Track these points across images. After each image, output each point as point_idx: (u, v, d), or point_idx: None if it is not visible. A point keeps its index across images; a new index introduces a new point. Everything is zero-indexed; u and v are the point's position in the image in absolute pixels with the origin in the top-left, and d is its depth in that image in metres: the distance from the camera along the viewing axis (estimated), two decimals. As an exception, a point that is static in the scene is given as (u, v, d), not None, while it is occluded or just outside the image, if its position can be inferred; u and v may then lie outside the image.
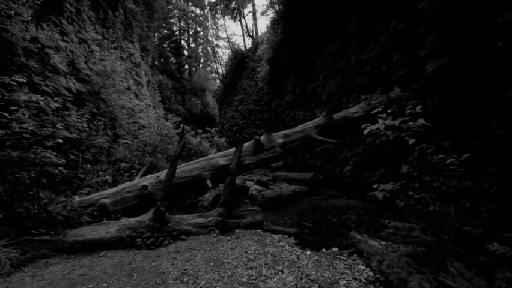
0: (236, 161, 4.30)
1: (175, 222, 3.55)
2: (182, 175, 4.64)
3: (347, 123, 5.49)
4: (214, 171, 4.77)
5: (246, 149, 5.03)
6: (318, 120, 5.70)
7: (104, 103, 9.48)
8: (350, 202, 6.86)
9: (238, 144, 4.56)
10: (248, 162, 4.90)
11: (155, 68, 36.22)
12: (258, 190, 8.65)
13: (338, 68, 9.47)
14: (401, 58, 5.76)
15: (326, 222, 4.99)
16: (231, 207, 4.11)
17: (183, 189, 4.54)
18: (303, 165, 11.30)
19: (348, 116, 5.53)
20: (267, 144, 5.20)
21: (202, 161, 4.96)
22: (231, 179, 4.14)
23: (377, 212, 5.59)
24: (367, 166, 6.72)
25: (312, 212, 5.86)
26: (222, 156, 5.04)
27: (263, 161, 5.06)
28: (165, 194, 3.65)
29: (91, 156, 6.92)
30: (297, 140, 5.31)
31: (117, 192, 4.22)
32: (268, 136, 5.29)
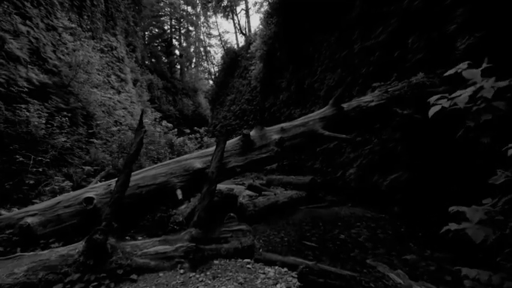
0: (216, 164, 3.25)
1: (124, 254, 2.45)
2: (143, 183, 3.43)
3: (360, 114, 4.49)
4: (187, 176, 3.62)
5: (231, 147, 3.99)
6: (324, 110, 4.69)
7: (76, 98, 8.34)
8: (356, 211, 5.89)
9: (219, 141, 3.49)
10: (234, 165, 3.82)
11: (144, 67, 35.07)
12: (250, 196, 7.62)
13: (338, 59, 8.55)
14: (418, 40, 4.84)
15: (332, 239, 4.00)
16: (210, 226, 3.07)
17: (144, 202, 3.40)
18: (300, 168, 10.32)
19: (361, 105, 4.53)
20: (258, 141, 4.15)
21: (171, 164, 3.80)
22: (208, 189, 3.09)
23: (391, 225, 4.63)
24: (376, 169, 5.77)
25: (313, 224, 4.86)
26: (198, 157, 3.91)
27: (254, 162, 3.99)
28: (113, 210, 2.57)
29: (50, 158, 5.80)
30: (298, 136, 4.28)
31: (49, 207, 3.06)
32: (261, 131, 4.24)
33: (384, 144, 5.47)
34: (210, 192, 3.09)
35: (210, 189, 3.10)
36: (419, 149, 4.40)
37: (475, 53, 3.58)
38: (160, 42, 42.78)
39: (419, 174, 4.44)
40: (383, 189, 5.43)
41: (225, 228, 3.12)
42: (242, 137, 3.98)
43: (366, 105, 4.41)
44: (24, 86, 6.54)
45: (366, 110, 4.41)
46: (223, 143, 3.42)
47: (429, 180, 4.24)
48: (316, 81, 10.18)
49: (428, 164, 4.23)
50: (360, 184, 6.31)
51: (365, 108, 4.42)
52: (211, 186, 3.12)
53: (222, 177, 3.74)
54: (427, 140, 4.17)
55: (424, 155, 4.30)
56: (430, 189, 4.23)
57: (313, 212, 6.03)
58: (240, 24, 34.17)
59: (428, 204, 4.29)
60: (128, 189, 2.91)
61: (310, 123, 4.37)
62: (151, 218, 3.69)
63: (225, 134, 3.57)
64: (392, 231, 4.36)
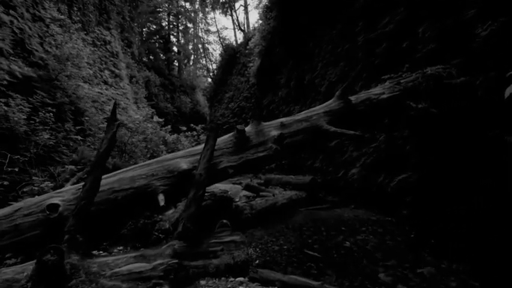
0: (205, 164, 2.83)
1: (88, 276, 1.99)
2: (119, 187, 2.96)
3: (370, 108, 4.08)
4: (171, 179, 3.15)
5: (223, 145, 3.57)
6: (330, 104, 4.28)
7: (63, 92, 7.90)
8: (360, 213, 5.50)
9: (208, 138, 3.07)
10: (226, 166, 3.37)
11: (142, 64, 34.66)
12: (247, 197, 7.24)
13: (339, 53, 8.15)
14: (430, 29, 4.43)
15: (336, 247, 3.61)
16: (197, 237, 2.67)
17: (121, 209, 2.93)
18: (299, 167, 9.94)
19: (371, 98, 4.12)
20: (255, 137, 3.72)
21: (152, 164, 3.33)
22: (195, 194, 2.68)
23: (400, 230, 4.25)
24: (381, 169, 5.38)
25: (314, 229, 4.48)
26: (185, 156, 3.45)
27: (249, 163, 3.55)
28: (78, 220, 2.15)
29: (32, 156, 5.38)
30: (300, 132, 3.86)
31: (6, 216, 2.56)
32: (257, 126, 3.81)
33: (391, 142, 5.07)
34: (197, 198, 2.68)
35: (197, 194, 2.69)
36: (432, 147, 4.01)
37: (499, 40, 3.19)
38: (158, 39, 42.21)
39: (431, 175, 4.06)
40: (389, 190, 5.05)
41: (215, 239, 2.72)
42: (236, 133, 3.56)
43: (377, 98, 4.00)
44: (4, 79, 6.11)
45: (376, 103, 4.00)
46: (213, 139, 3.01)
47: (443, 182, 3.85)
48: (316, 77, 9.78)
49: (442, 164, 3.84)
50: (364, 185, 5.92)
51: (375, 101, 4.01)
52: (199, 190, 2.71)
53: (212, 179, 3.34)
54: (443, 137, 3.78)
55: (438, 154, 3.91)
56: (444, 193, 3.85)
57: (314, 214, 5.64)
58: (238, 20, 33.59)
59: (441, 209, 3.91)
60: (102, 194, 2.51)
61: (314, 118, 3.95)
62: (133, 225, 3.29)
63: (215, 129, 3.14)
64: (402, 237, 3.98)
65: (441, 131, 3.75)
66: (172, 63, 43.21)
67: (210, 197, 3.95)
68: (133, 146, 7.21)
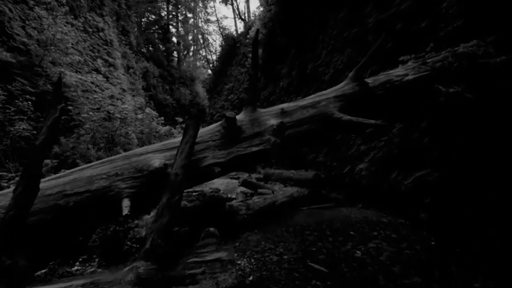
0: (183, 161, 2.23)
1: None
2: (72, 190, 2.34)
3: (391, 92, 3.44)
4: (141, 179, 2.54)
5: (207, 137, 2.96)
6: (341, 87, 3.65)
7: (47, 80, 7.30)
8: (368, 214, 4.97)
9: (187, 127, 2.45)
10: (211, 163, 2.74)
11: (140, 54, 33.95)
12: (245, 194, 6.71)
13: (346, 39, 7.49)
14: (456, 3, 3.80)
15: (346, 258, 3.07)
16: (171, 255, 2.11)
17: (73, 218, 2.34)
18: (301, 161, 9.38)
19: (393, 80, 3.47)
20: (248, 127, 3.11)
21: (117, 161, 2.69)
22: (169, 200, 2.08)
23: (416, 236, 3.71)
24: (394, 165, 4.82)
25: (318, 233, 3.94)
26: (159, 149, 2.81)
27: (241, 159, 2.96)
28: (6, 237, 1.62)
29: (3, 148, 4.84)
30: (305, 121, 3.22)
31: None
32: (252, 114, 3.17)
33: (407, 134, 4.49)
34: (171, 205, 2.12)
35: (172, 200, 2.13)
36: (462, 140, 3.41)
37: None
38: (157, 29, 41.31)
39: (457, 173, 3.49)
40: (403, 189, 4.49)
41: (195, 257, 2.15)
42: (224, 122, 2.95)
43: (400, 80, 3.37)
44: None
45: (399, 86, 3.37)
46: (193, 129, 2.42)
47: (474, 183, 3.29)
48: (320, 65, 9.13)
49: (473, 161, 3.27)
50: (373, 182, 5.37)
51: (397, 83, 3.38)
52: (174, 195, 2.14)
53: (193, 180, 2.78)
54: (478, 128, 3.17)
55: (470, 148, 3.32)
56: (474, 195, 3.29)
57: (318, 214, 5.12)
58: (239, 9, 32.64)
59: (469, 214, 3.36)
60: (48, 199, 1.98)
61: (323, 104, 3.32)
62: (102, 234, 2.75)
63: (196, 117, 2.55)
64: (420, 245, 3.44)
65: (477, 121, 3.14)
66: (171, 54, 42.40)
67: (198, 197, 3.41)
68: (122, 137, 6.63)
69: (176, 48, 42.56)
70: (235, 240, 3.63)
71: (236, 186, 7.33)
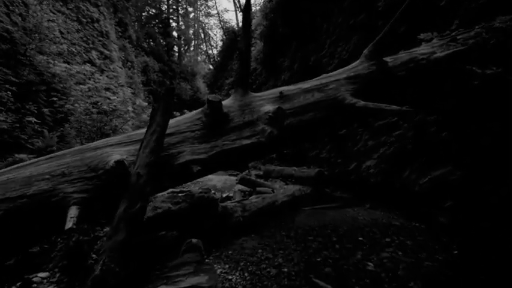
0: (148, 158, 1.70)
1: None
2: (3, 194, 1.84)
3: (415, 73, 2.93)
4: (94, 182, 2.01)
5: (184, 126, 2.48)
6: (355, 67, 3.12)
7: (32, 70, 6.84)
8: (377, 215, 4.52)
9: (154, 112, 1.97)
10: (189, 159, 2.21)
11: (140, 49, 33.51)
12: (243, 192, 6.27)
13: (353, 26, 6.97)
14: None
15: (356, 271, 2.62)
16: (133, 282, 1.65)
17: (6, 231, 1.80)
18: (303, 157, 8.92)
19: (417, 59, 2.95)
20: (238, 115, 2.59)
21: (66, 156, 2.18)
22: (127, 210, 1.58)
23: (435, 243, 3.25)
24: (406, 162, 4.34)
25: (323, 238, 3.49)
26: (121, 142, 2.30)
27: (226, 154, 2.42)
28: None
29: None
30: (309, 108, 2.67)
31: None
32: (242, 97, 2.64)
33: (420, 128, 4.01)
34: (130, 218, 1.63)
35: (131, 210, 1.63)
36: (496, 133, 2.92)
37: None
38: (157, 23, 40.73)
39: (483, 173, 3.01)
40: (417, 189, 4.03)
41: (164, 284, 1.68)
42: (206, 108, 2.44)
43: (427, 58, 2.85)
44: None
45: (426, 65, 2.85)
46: (162, 115, 1.91)
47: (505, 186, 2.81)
48: (324, 56, 8.62)
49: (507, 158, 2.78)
50: (383, 180, 4.90)
51: (423, 62, 2.85)
52: (134, 203, 1.65)
53: (165, 182, 2.28)
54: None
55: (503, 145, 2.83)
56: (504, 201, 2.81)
57: (322, 216, 4.66)
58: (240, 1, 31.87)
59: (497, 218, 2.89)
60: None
61: (332, 87, 2.78)
62: (63, 245, 2.30)
63: (165, 97, 2.02)
64: (442, 255, 2.97)
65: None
66: (172, 49, 41.88)
67: (184, 199, 2.97)
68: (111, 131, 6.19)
69: (177, 43, 42.01)
70: (228, 247, 3.19)
71: (234, 184, 6.89)
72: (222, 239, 3.34)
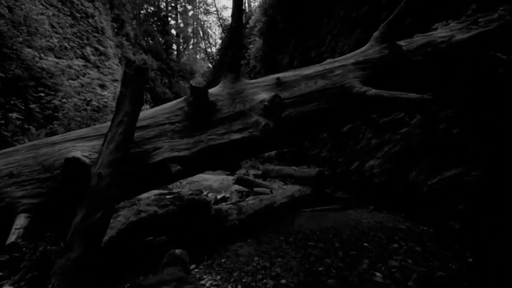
0: (113, 154, 1.34)
1: None
2: None
3: (433, 58, 2.61)
4: (50, 183, 1.70)
5: (163, 117, 2.14)
6: (364, 51, 2.82)
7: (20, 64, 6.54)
8: (382, 218, 4.25)
9: (121, 97, 1.63)
10: (166, 157, 1.89)
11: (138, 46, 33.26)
12: (240, 193, 6.00)
13: (355, 19, 6.69)
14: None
15: (362, 282, 2.35)
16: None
17: None
18: (302, 156, 8.65)
19: (435, 42, 2.63)
20: (227, 104, 2.27)
21: (19, 152, 1.87)
22: (85, 219, 1.26)
23: (447, 249, 2.98)
24: (413, 161, 4.08)
25: (325, 244, 3.22)
26: (86, 137, 1.96)
27: (213, 150, 2.10)
28: None
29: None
30: (312, 98, 2.32)
31: None
32: (233, 84, 2.34)
33: (428, 124, 3.74)
34: (88, 229, 1.32)
35: (90, 220, 1.32)
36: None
37: None
38: (156, 21, 40.42)
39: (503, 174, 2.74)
40: (425, 190, 3.76)
41: None
42: (190, 96, 2.13)
43: (447, 41, 2.53)
44: None
45: (445, 49, 2.55)
46: (131, 102, 1.57)
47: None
48: (325, 52, 8.33)
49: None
50: (387, 181, 4.63)
51: (443, 46, 2.53)
52: (94, 211, 1.33)
53: (137, 185, 1.96)
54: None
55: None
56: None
57: (323, 218, 4.40)
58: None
59: None
60: None
61: (338, 73, 2.46)
62: (29, 255, 2.02)
63: (135, 79, 1.67)
64: (455, 263, 2.70)
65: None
66: (170, 47, 41.60)
67: (173, 202, 2.69)
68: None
69: (176, 41, 41.73)
70: (222, 254, 2.92)
71: (230, 184, 6.61)
72: (215, 244, 3.07)
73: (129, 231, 2.23)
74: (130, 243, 2.22)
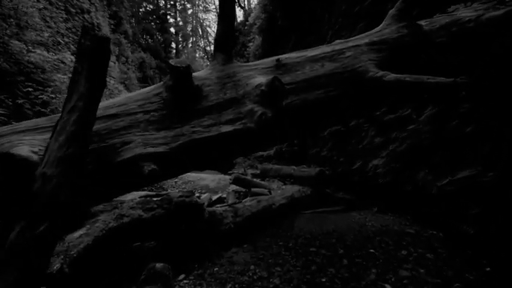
0: (64, 149, 1.01)
1: None
2: None
3: (459, 39, 2.32)
4: None
5: (135, 105, 1.79)
6: (379, 31, 2.49)
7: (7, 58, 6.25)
8: (388, 221, 4.01)
9: (76, 73, 1.27)
10: (138, 153, 1.56)
11: (136, 44, 32.98)
12: (237, 193, 5.75)
13: (358, 13, 6.43)
14: None
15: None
16: None
17: None
18: (302, 155, 8.40)
19: (462, 21, 2.36)
20: (216, 89, 1.93)
21: None
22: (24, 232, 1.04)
23: (459, 256, 2.74)
24: (421, 161, 3.83)
25: (327, 250, 2.97)
26: (37, 128, 1.64)
27: (197, 146, 1.75)
28: None
29: None
30: (319, 83, 1.97)
31: None
32: (223, 66, 2.03)
33: (438, 122, 3.50)
34: (27, 246, 1.06)
35: (30, 235, 1.05)
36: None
37: None
38: (155, 19, 40.14)
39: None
40: (434, 192, 3.51)
41: None
42: (169, 79, 1.80)
43: (475, 20, 2.24)
44: None
45: (474, 29, 2.26)
46: (88, 81, 1.20)
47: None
48: (326, 48, 8.07)
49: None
50: (393, 181, 4.38)
51: (471, 25, 2.25)
52: (37, 222, 1.00)
53: (99, 189, 1.63)
54: None
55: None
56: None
57: (325, 221, 4.16)
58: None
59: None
60: None
61: (349, 55, 2.14)
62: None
63: (93, 52, 1.28)
64: (472, 273, 2.46)
65: None
66: (169, 45, 41.34)
67: (160, 205, 2.44)
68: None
69: (175, 39, 41.49)
70: (215, 262, 2.66)
71: (227, 184, 6.35)
72: (208, 251, 2.81)
73: (108, 238, 1.98)
74: (109, 253, 1.97)
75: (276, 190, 5.75)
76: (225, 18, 2.19)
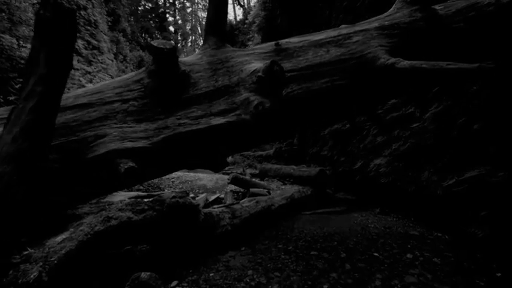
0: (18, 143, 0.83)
1: None
2: None
3: (476, 21, 2.14)
4: None
5: (112, 93, 1.52)
6: (391, 14, 2.28)
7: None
8: (390, 223, 3.88)
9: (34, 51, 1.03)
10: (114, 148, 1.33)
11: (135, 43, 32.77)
12: (235, 193, 5.60)
13: (360, 8, 6.30)
14: None
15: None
16: None
17: None
18: (302, 155, 8.26)
19: (479, 5, 2.15)
20: (206, 76, 1.66)
21: None
22: None
23: (470, 260, 2.60)
24: (426, 160, 3.69)
25: (329, 253, 2.83)
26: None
27: (182, 141, 1.50)
28: None
29: None
30: (323, 71, 1.72)
31: None
32: (216, 51, 1.83)
33: (443, 119, 3.36)
34: None
35: None
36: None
37: None
38: (154, 17, 39.95)
39: None
40: (440, 193, 3.38)
41: None
42: (151, 64, 1.58)
43: (495, 3, 2.05)
44: None
45: (493, 13, 2.09)
46: (50, 62, 1.01)
47: None
48: (326, 45, 7.93)
49: None
50: (395, 181, 4.25)
51: (490, 9, 2.05)
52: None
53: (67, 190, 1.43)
54: None
55: None
56: None
57: (326, 222, 4.02)
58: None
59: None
60: None
61: (356, 40, 1.96)
62: None
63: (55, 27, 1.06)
64: (482, 278, 2.32)
65: None
66: (168, 44, 41.19)
67: (152, 206, 2.29)
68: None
69: (174, 38, 41.29)
70: (211, 266, 2.52)
71: (225, 184, 6.20)
72: (204, 255, 2.67)
73: (94, 243, 1.84)
74: (94, 258, 1.82)
75: (275, 190, 5.60)
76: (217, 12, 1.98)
